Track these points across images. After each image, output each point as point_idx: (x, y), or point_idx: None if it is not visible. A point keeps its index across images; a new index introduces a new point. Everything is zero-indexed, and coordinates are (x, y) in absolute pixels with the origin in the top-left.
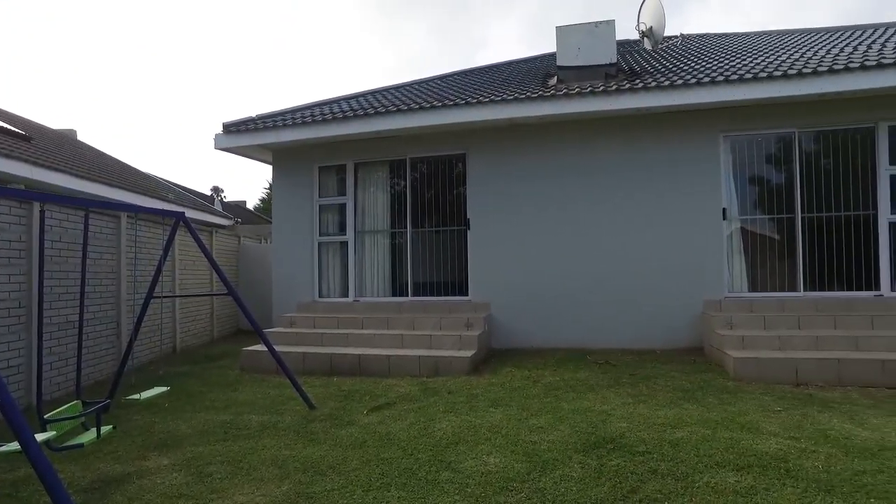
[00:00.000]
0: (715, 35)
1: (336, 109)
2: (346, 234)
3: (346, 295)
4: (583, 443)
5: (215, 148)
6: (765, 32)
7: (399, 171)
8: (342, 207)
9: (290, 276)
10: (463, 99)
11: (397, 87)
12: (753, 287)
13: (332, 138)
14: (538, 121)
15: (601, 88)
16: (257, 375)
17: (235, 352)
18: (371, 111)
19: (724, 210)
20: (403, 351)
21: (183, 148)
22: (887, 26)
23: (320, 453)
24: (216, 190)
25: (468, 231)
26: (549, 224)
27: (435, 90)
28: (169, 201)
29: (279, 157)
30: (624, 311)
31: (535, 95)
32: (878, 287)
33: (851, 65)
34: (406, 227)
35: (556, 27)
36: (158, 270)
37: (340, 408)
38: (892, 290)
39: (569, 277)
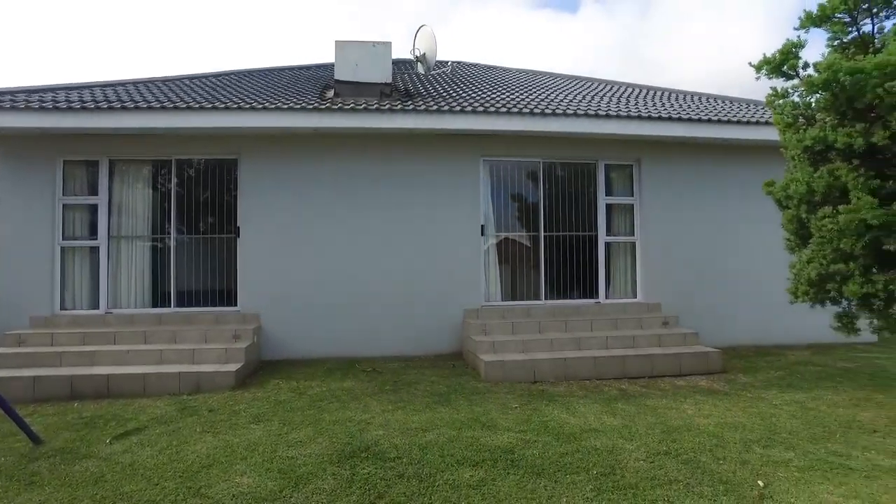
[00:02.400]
0: (484, 66)
1: (89, 98)
2: (97, 239)
3: (95, 306)
4: (339, 454)
5: None
6: (523, 71)
7: (164, 173)
8: (93, 209)
9: (18, 285)
10: (236, 103)
11: (166, 80)
12: (506, 296)
13: (81, 130)
14: (314, 132)
15: (375, 106)
16: None
17: None
18: (131, 105)
19: (482, 227)
20: (162, 368)
21: None
22: (612, 83)
23: (41, 498)
24: None
25: (238, 239)
26: (322, 234)
27: (208, 89)
28: None
29: (6, 146)
30: (394, 319)
31: (311, 107)
32: (597, 295)
33: (579, 112)
34: (170, 233)
35: (336, 41)
36: None
37: (77, 438)
38: (607, 297)
39: (341, 287)
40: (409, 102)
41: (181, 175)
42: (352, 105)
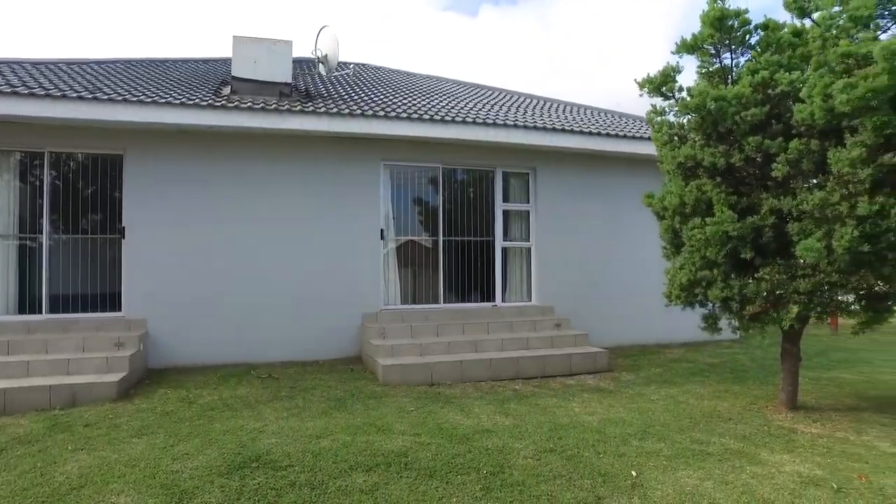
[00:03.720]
0: (388, 70)
1: None
2: None
3: None
4: (228, 465)
5: None
6: (428, 76)
7: (34, 166)
8: None
9: None
10: (121, 95)
11: (37, 64)
12: (406, 300)
13: None
14: (209, 130)
15: (274, 106)
16: None
17: None
18: None
19: (382, 231)
20: (29, 381)
21: None
22: (513, 94)
23: None
24: None
25: (123, 240)
26: (215, 237)
27: (90, 77)
28: None
29: None
30: (292, 324)
31: (206, 104)
32: (494, 299)
33: (478, 120)
34: (43, 232)
35: (234, 37)
36: None
37: None
38: (504, 301)
39: (237, 291)
40: (310, 104)
41: (58, 169)
42: (249, 104)
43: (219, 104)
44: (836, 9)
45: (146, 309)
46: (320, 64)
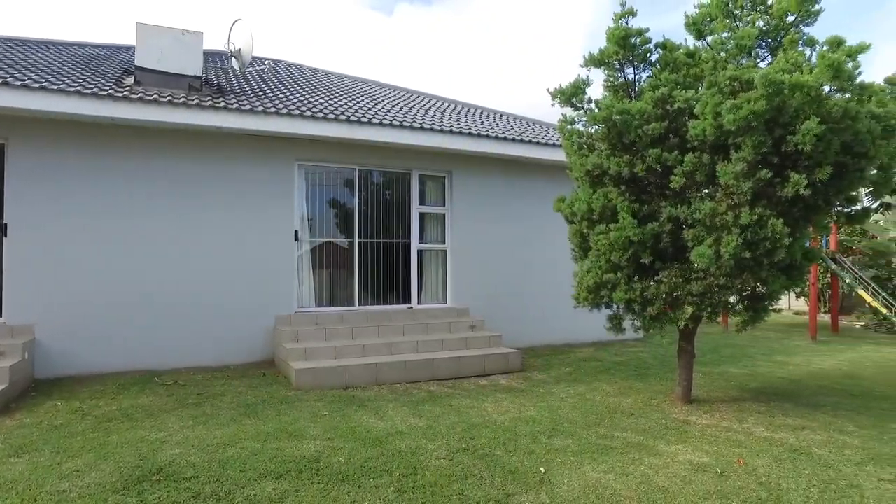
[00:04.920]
0: (306, 68)
1: None
2: None
3: None
4: (125, 480)
5: None
6: (347, 76)
7: None
8: None
9: None
10: (2, 77)
11: None
12: (320, 302)
13: None
14: (110, 122)
15: (182, 100)
16: None
17: None
18: None
19: (296, 232)
20: None
21: None
22: (431, 97)
23: None
24: None
25: (5, 238)
26: (116, 237)
27: None
28: None
29: None
30: (200, 328)
31: (106, 93)
32: (409, 301)
33: (395, 122)
34: None
35: (137, 23)
36: None
37: None
38: (419, 303)
39: (140, 294)
40: (221, 99)
41: None
42: (155, 96)
43: (121, 94)
44: (726, 34)
45: (33, 314)
46: (233, 58)
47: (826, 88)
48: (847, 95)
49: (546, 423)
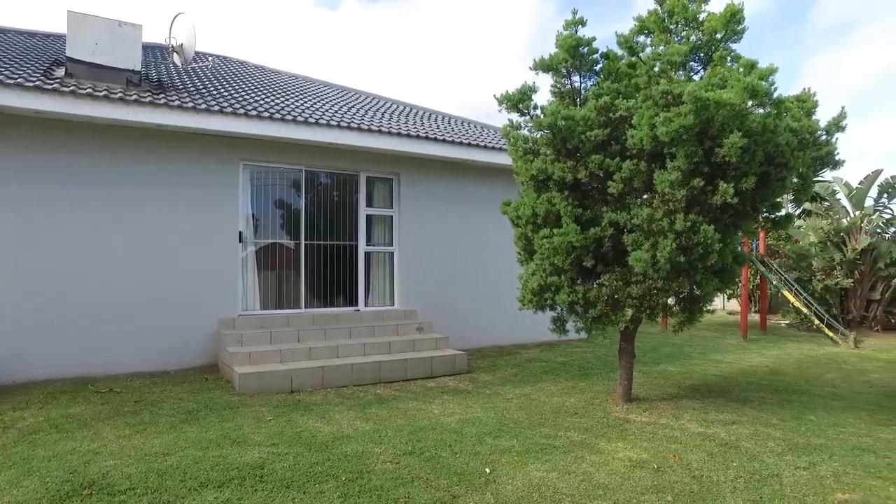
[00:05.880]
0: (252, 65)
1: None
2: None
3: None
4: (52, 496)
5: None
6: (293, 75)
7: None
8: None
9: None
10: None
11: None
12: (265, 305)
13: None
14: (36, 115)
15: (119, 95)
16: None
17: None
18: None
19: (240, 233)
20: None
21: None
22: (379, 98)
23: None
24: None
25: None
26: (44, 237)
27: None
28: None
29: None
30: (137, 332)
31: (32, 85)
32: (356, 303)
33: (342, 123)
34: None
35: (69, 12)
36: None
37: None
38: (366, 305)
39: (71, 298)
40: (162, 95)
41: None
42: (89, 90)
43: (50, 86)
44: (662, 48)
45: None
46: (175, 53)
47: (749, 103)
48: (767, 109)
49: (492, 424)
